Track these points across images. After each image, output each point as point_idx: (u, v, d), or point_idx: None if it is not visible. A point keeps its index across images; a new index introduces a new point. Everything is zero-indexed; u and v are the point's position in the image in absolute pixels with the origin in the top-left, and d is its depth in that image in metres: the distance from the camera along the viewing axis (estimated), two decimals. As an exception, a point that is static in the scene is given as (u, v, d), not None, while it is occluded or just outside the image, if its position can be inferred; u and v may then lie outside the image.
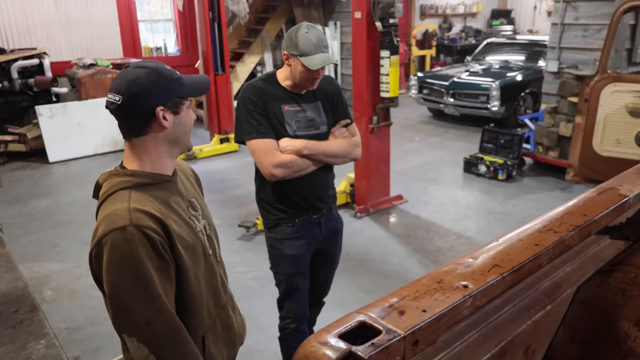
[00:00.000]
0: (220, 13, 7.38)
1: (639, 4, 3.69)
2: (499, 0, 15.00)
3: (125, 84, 1.42)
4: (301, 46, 2.26)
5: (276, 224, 2.55)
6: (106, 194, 1.44)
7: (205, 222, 1.67)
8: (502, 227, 5.05)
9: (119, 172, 1.48)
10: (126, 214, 1.36)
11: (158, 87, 1.44)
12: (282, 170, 2.33)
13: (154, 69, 1.46)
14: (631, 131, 3.85)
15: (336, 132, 2.52)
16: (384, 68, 4.99)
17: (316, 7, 9.65)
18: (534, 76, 8.74)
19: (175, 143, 1.54)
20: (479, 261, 1.13)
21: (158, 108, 1.44)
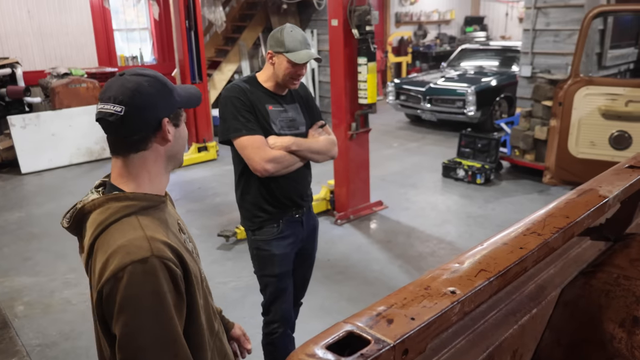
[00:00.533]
0: (197, 21, 7.33)
1: (607, 9, 3.76)
2: (472, 7, 15.21)
3: (128, 93, 1.26)
4: (287, 43, 2.36)
5: (261, 226, 2.58)
6: (107, 222, 1.24)
7: (193, 245, 1.53)
8: (482, 231, 5.08)
9: (118, 196, 1.28)
10: (145, 243, 1.20)
11: (163, 97, 1.31)
12: (273, 165, 2.40)
13: (154, 77, 1.32)
14: (605, 133, 3.91)
15: (315, 132, 2.61)
16: (361, 75, 5.00)
17: (293, 16, 9.65)
18: (508, 81, 8.87)
19: (172, 158, 1.40)
20: (465, 266, 1.11)
21: (164, 120, 1.31)
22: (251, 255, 2.69)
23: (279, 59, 2.41)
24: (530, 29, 6.71)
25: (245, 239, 4.91)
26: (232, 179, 2.64)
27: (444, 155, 7.42)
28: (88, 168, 7.43)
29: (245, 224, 2.66)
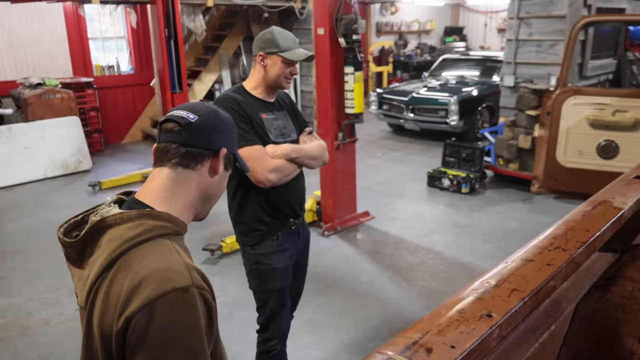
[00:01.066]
0: (177, 30, 7.20)
1: (595, 19, 3.78)
2: (452, 17, 15.37)
3: (207, 111, 1.27)
4: (281, 43, 2.34)
5: (261, 240, 2.51)
6: (138, 239, 1.11)
7: None
8: (469, 240, 5.05)
9: (153, 213, 1.16)
10: (185, 271, 1.08)
11: (231, 133, 1.33)
12: (276, 174, 2.36)
13: (230, 117, 1.35)
14: (592, 142, 3.92)
15: (306, 139, 2.58)
16: (348, 84, 4.95)
17: (274, 24, 9.57)
18: (489, 91, 8.93)
19: (207, 201, 1.32)
20: (495, 285, 1.04)
21: (224, 149, 1.28)
22: (249, 271, 2.60)
23: (272, 59, 2.37)
24: (513, 39, 6.75)
25: (230, 252, 4.82)
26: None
27: (427, 164, 7.42)
28: (64, 182, 7.22)
29: (242, 240, 2.57)
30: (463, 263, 4.61)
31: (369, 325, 3.75)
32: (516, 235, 5.13)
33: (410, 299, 4.06)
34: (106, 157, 8.49)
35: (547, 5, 6.41)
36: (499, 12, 14.67)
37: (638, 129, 3.74)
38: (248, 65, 9.63)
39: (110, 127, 9.19)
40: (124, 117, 9.53)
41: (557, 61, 6.46)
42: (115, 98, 9.40)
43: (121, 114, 9.49)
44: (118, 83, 9.51)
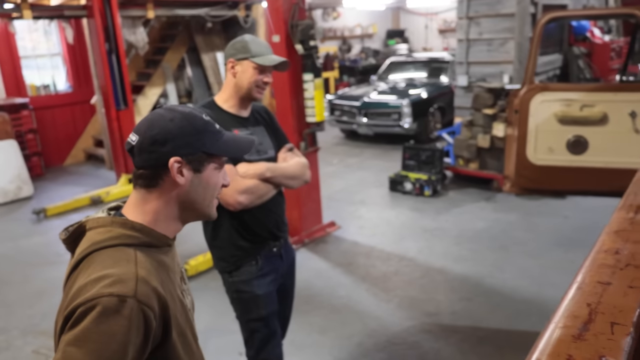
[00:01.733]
0: (118, 44, 6.84)
1: (558, 15, 3.78)
2: (392, 21, 15.51)
3: (146, 125, 1.21)
4: (253, 48, 2.19)
5: (238, 266, 2.32)
6: (102, 244, 1.14)
7: (191, 299, 1.39)
8: (441, 244, 4.98)
9: (125, 222, 1.19)
10: (132, 282, 1.07)
11: (181, 135, 1.20)
12: (247, 196, 2.16)
13: (185, 114, 1.23)
14: (562, 138, 3.90)
15: (285, 156, 2.39)
16: (308, 92, 4.79)
17: (218, 34, 9.33)
18: (439, 92, 9.01)
19: (190, 208, 1.28)
20: (586, 317, 0.89)
21: (172, 159, 1.19)
22: (231, 300, 2.41)
23: (243, 65, 2.20)
24: (464, 39, 6.79)
25: (195, 275, 4.54)
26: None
27: (385, 169, 7.35)
28: (4, 211, 6.69)
29: (219, 265, 2.37)
30: (438, 268, 4.52)
31: (353, 342, 3.59)
32: (485, 236, 5.11)
33: (391, 311, 3.93)
34: (48, 181, 7.96)
35: (495, 4, 6.49)
36: (438, 14, 14.93)
37: (606, 122, 3.75)
38: (194, 78, 9.32)
39: (50, 149, 8.65)
40: (64, 137, 9.00)
41: (508, 59, 6.55)
42: (53, 118, 8.86)
43: (61, 134, 8.96)
44: (56, 102, 8.97)
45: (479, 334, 3.57)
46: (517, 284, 4.18)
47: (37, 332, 3.88)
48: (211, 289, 4.27)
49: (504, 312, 3.80)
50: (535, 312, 3.75)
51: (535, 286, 4.11)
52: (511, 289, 4.10)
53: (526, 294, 4.02)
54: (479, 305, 3.93)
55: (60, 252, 5.25)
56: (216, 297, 4.06)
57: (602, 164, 3.87)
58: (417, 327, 3.69)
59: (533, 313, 3.75)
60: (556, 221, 5.38)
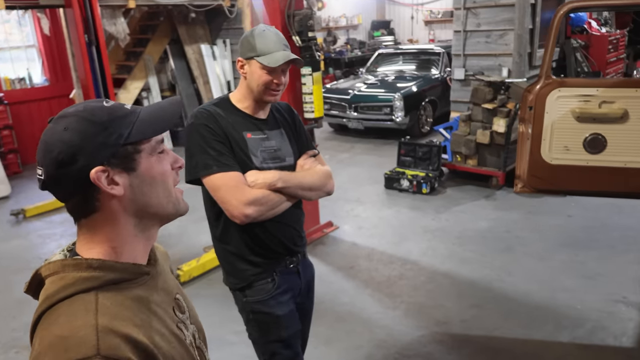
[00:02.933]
0: (98, 35, 6.46)
1: (579, 5, 3.56)
2: (378, 11, 15.26)
3: (42, 150, 0.95)
4: (259, 45, 1.94)
5: (251, 283, 2.06)
6: (55, 297, 0.92)
7: (194, 329, 1.15)
8: (443, 245, 4.79)
9: (78, 262, 0.95)
10: (92, 337, 0.85)
11: (87, 139, 0.94)
12: (255, 208, 1.89)
13: (78, 115, 0.96)
14: (579, 137, 3.70)
15: (305, 164, 2.11)
16: (306, 87, 4.52)
17: (202, 25, 8.97)
18: (429, 85, 8.81)
19: (146, 215, 1.03)
20: None
21: (93, 171, 0.94)
22: (246, 320, 2.16)
23: (251, 65, 1.96)
24: (461, 30, 6.57)
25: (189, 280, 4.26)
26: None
27: (378, 164, 7.14)
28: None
29: (230, 281, 2.13)
30: (444, 272, 4.32)
31: (361, 354, 3.37)
32: (489, 236, 4.92)
33: (399, 318, 3.71)
34: (26, 179, 7.58)
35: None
36: (424, 5, 14.72)
37: (626, 120, 3.56)
38: (177, 70, 8.96)
39: (27, 146, 8.23)
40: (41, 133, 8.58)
41: (507, 52, 6.36)
42: (30, 113, 8.45)
43: (38, 130, 8.51)
44: (32, 97, 8.56)
45: (494, 345, 3.38)
46: (527, 288, 3.99)
47: (20, 347, 3.58)
48: (204, 297, 4.02)
49: (518, 320, 3.61)
50: (551, 320, 3.57)
51: (547, 291, 3.94)
52: (522, 294, 3.92)
53: (538, 300, 3.83)
54: (490, 312, 3.74)
55: (43, 255, 4.93)
56: (211, 305, 3.82)
57: (621, 163, 3.69)
58: (428, 337, 3.48)
59: (548, 321, 3.57)
60: (560, 220, 5.21)
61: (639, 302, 3.73)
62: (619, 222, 5.08)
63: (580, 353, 3.25)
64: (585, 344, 3.32)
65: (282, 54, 1.94)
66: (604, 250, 4.55)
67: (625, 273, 4.13)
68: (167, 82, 9.26)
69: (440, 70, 9.18)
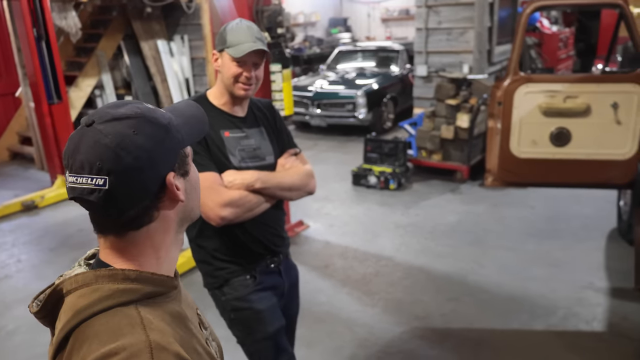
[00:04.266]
0: (48, 30, 6.17)
1: (544, 4, 3.66)
2: (335, 9, 15.29)
3: (111, 155, 0.82)
4: (229, 37, 1.89)
5: (226, 280, 2.00)
6: (91, 310, 0.83)
7: (215, 346, 1.10)
8: (416, 240, 4.83)
9: (114, 273, 0.87)
10: (146, 354, 0.78)
11: (161, 143, 0.87)
12: (232, 210, 1.84)
13: (139, 115, 0.87)
14: (545, 131, 3.83)
15: (286, 163, 2.07)
16: (275, 84, 4.47)
17: (157, 20, 8.72)
18: (390, 82, 8.90)
19: (187, 219, 1.00)
20: None
21: (169, 175, 0.89)
22: (229, 323, 2.09)
23: (222, 58, 1.92)
24: (423, 27, 6.64)
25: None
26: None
27: (343, 161, 7.15)
28: None
29: (208, 282, 2.07)
30: (419, 266, 4.36)
31: (344, 354, 3.35)
32: (459, 230, 5.00)
33: (378, 316, 3.72)
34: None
35: (455, -7, 6.38)
36: (380, 2, 14.84)
37: (589, 114, 3.70)
38: (132, 67, 8.69)
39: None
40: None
41: (467, 49, 6.48)
42: (-29, 113, 8.02)
43: (-18, 132, 8.13)
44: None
45: (474, 337, 3.43)
46: (500, 279, 4.08)
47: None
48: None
49: (494, 311, 3.69)
50: (526, 310, 3.66)
51: (519, 281, 4.03)
52: (496, 286, 4.00)
53: (512, 290, 3.92)
54: (467, 305, 3.79)
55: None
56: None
57: (584, 155, 3.83)
58: (409, 333, 3.50)
59: (524, 310, 3.66)
60: (524, 212, 5.36)
61: (605, 288, 3.88)
62: (579, 211, 5.26)
63: (557, 339, 3.34)
64: (560, 331, 3.42)
65: (249, 45, 1.88)
66: (567, 239, 4.70)
67: (589, 260, 4.29)
68: (122, 79, 8.97)
69: (400, 67, 9.27)
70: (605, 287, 3.89)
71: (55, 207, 6.19)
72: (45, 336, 0.97)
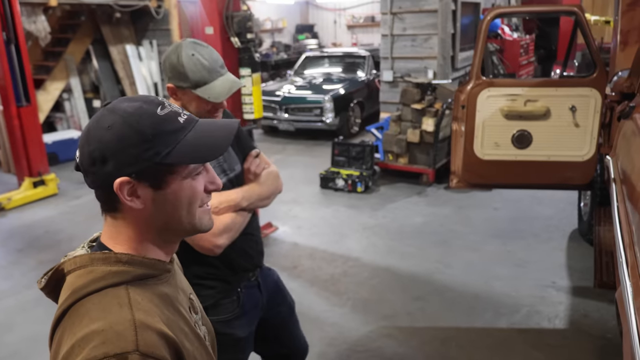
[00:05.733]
0: (18, 33, 6.11)
1: (503, 11, 3.82)
2: (301, 15, 15.40)
3: (84, 136, 0.94)
4: (191, 75, 1.72)
5: (217, 301, 1.95)
6: (85, 290, 0.90)
7: (205, 331, 1.18)
8: (383, 241, 4.92)
9: (107, 256, 0.95)
10: (130, 332, 0.85)
11: (123, 148, 0.91)
12: (227, 235, 1.80)
13: (128, 116, 0.92)
14: (507, 133, 3.97)
15: (252, 167, 2.01)
16: (245, 88, 4.50)
17: (127, 25, 8.67)
18: (356, 87, 9.03)
19: (167, 229, 1.00)
20: None
21: (117, 181, 0.92)
22: None
23: (186, 96, 1.77)
24: (388, 34, 6.78)
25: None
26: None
27: (311, 165, 7.22)
28: None
29: None
30: (385, 267, 4.45)
31: (313, 353, 3.37)
32: (425, 231, 5.11)
33: (347, 315, 3.78)
34: None
35: (419, 1, 6.53)
36: (347, 9, 15.02)
37: (548, 117, 3.85)
38: (101, 71, 8.61)
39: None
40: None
41: (432, 55, 6.63)
42: None
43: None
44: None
45: (439, 335, 3.52)
46: (465, 279, 4.19)
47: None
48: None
49: (459, 310, 3.79)
50: (491, 308, 3.77)
51: (483, 280, 4.15)
52: (461, 285, 4.11)
53: (476, 289, 4.03)
54: (433, 304, 3.89)
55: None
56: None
57: (545, 157, 3.98)
58: (377, 332, 3.57)
59: (487, 309, 3.77)
60: (488, 213, 5.51)
61: (566, 286, 4.02)
62: (541, 212, 5.44)
63: (520, 337, 3.45)
64: (523, 328, 3.53)
65: (223, 84, 1.77)
66: (530, 239, 4.86)
67: (551, 259, 4.44)
68: (90, 83, 8.88)
69: (366, 72, 9.41)
70: (567, 286, 4.04)
71: (22, 209, 6.10)
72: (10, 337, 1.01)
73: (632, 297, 1.46)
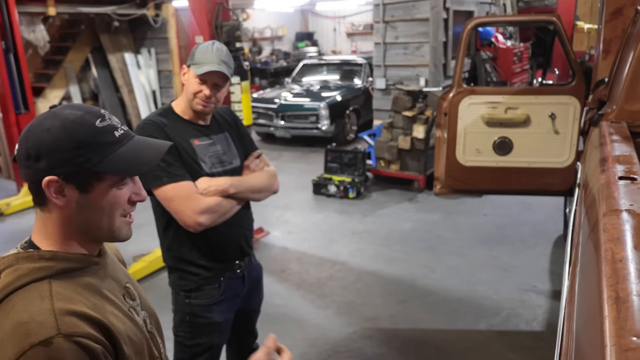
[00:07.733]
0: (16, 42, 6.26)
1: (483, 20, 3.91)
2: (302, 23, 15.55)
3: (25, 133, 1.03)
4: (197, 55, 2.00)
5: (199, 287, 2.11)
6: (10, 287, 0.99)
7: (145, 314, 1.25)
8: (371, 247, 5.00)
9: (30, 254, 1.03)
10: (51, 319, 0.93)
11: (57, 151, 1.00)
12: (208, 216, 1.96)
13: (68, 122, 1.01)
14: (489, 140, 4.04)
15: (252, 165, 2.19)
16: (235, 95, 4.62)
17: (125, 34, 8.82)
18: (353, 94, 9.14)
19: (87, 230, 1.09)
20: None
21: (46, 178, 1.00)
22: (179, 321, 2.19)
23: (189, 73, 2.03)
24: (381, 42, 6.88)
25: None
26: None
27: (306, 171, 7.31)
28: None
29: (177, 284, 2.16)
30: (371, 271, 4.53)
31: (295, 353, 3.46)
32: (413, 237, 5.19)
33: (330, 317, 3.87)
34: None
35: (411, 9, 6.64)
36: (346, 17, 15.16)
37: (529, 124, 3.93)
38: (100, 79, 8.75)
39: None
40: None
41: (424, 62, 6.73)
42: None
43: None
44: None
45: (419, 337, 3.60)
46: (449, 283, 4.27)
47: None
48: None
49: (441, 313, 3.86)
50: (471, 312, 3.84)
51: (466, 285, 4.22)
52: (444, 289, 4.18)
53: (459, 293, 4.11)
54: (415, 307, 3.97)
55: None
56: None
57: (526, 163, 4.05)
58: (359, 333, 3.65)
59: (468, 312, 3.84)
60: (477, 219, 5.58)
61: (547, 290, 4.09)
62: (529, 218, 5.51)
63: (498, 338, 3.53)
64: (501, 330, 3.61)
65: (211, 66, 1.97)
66: (517, 244, 4.93)
67: (535, 264, 4.51)
68: (90, 91, 9.02)
69: (362, 80, 9.53)
70: (547, 290, 4.11)
71: (21, 214, 6.22)
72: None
73: (566, 296, 1.53)
